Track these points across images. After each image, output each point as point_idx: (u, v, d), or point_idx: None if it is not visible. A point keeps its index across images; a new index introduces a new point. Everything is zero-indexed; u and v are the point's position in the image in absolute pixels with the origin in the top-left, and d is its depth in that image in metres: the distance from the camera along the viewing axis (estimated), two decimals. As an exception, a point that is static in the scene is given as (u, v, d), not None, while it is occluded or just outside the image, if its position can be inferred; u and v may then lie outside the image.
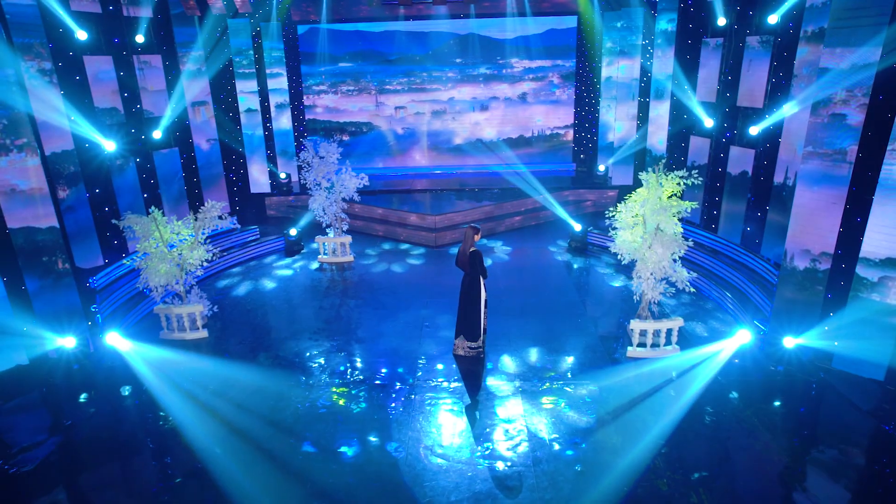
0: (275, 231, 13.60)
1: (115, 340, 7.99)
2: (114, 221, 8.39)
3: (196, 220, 8.66)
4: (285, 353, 8.45)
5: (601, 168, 15.47)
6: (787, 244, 7.74)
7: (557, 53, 16.96)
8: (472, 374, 7.81)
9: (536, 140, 17.59)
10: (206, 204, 8.66)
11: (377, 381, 7.66)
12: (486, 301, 8.01)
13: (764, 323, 8.26)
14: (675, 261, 7.94)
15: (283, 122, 16.22)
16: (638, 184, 14.62)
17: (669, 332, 8.15)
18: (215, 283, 11.25)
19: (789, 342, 7.43)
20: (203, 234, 8.82)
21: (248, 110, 15.10)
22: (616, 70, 14.95)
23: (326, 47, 17.11)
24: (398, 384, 7.59)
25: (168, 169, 11.73)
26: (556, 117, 17.34)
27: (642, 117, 14.41)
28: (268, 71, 15.60)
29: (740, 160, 10.28)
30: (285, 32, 16.08)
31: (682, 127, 12.01)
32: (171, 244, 8.66)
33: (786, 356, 7.47)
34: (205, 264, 9.05)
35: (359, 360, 8.26)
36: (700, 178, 7.86)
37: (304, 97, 17.34)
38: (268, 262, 12.35)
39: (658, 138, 13.18)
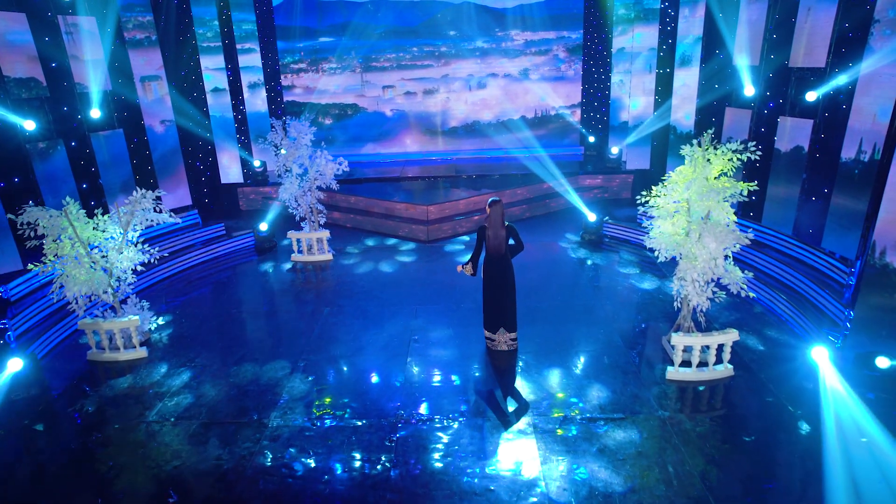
0: (246, 226, 11.87)
1: (14, 367, 6.26)
2: (10, 217, 6.60)
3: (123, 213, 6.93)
4: (238, 380, 6.74)
5: (614, 150, 13.74)
6: (877, 235, 6.03)
7: (563, 23, 15.17)
8: (472, 404, 6.12)
9: (540, 121, 15.83)
10: (134, 193, 6.90)
11: (349, 418, 5.96)
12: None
13: (838, 335, 6.56)
14: (725, 257, 6.26)
15: (258, 103, 14.46)
16: (658, 168, 13.08)
17: (721, 348, 6.46)
18: (168, 288, 9.53)
19: (882, 362, 5.74)
20: (134, 230, 7.09)
21: (216, 90, 13.31)
22: (630, 39, 13.20)
23: (305, 20, 15.32)
24: (377, 420, 5.89)
25: (111, 154, 9.97)
26: (561, 95, 15.57)
27: (661, 91, 12.66)
28: (238, 46, 13.81)
29: (792, 133, 8.56)
30: (257, 3, 14.24)
31: (714, 98, 10.28)
32: (95, 244, 6.95)
33: (878, 379, 5.78)
34: (140, 269, 7.33)
35: (330, 386, 6.56)
36: (758, 152, 6.15)
37: (282, 76, 15.53)
38: (233, 263, 10.62)
39: (684, 112, 11.44)
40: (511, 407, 6.06)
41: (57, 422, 6.14)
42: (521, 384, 6.45)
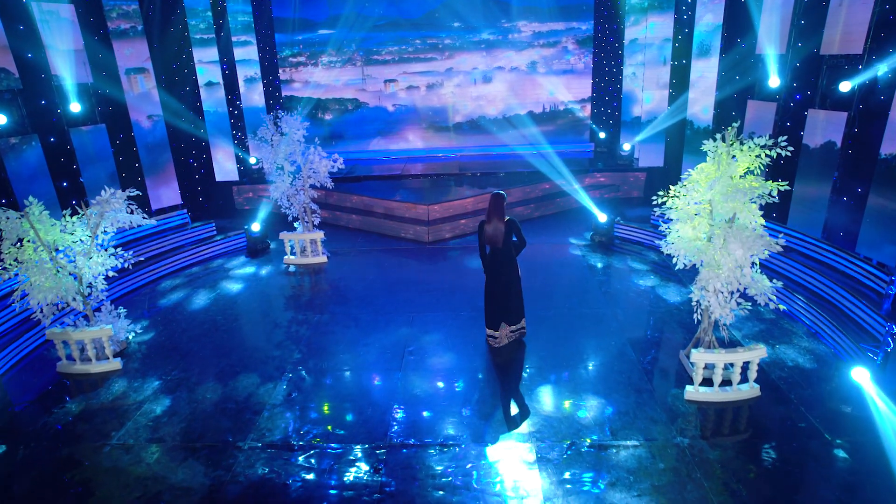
0: (239, 226, 11.32)
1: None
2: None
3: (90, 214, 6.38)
4: (217, 396, 6.19)
5: (626, 147, 13.07)
6: (926, 241, 5.36)
7: (572, 14, 14.47)
8: (469, 427, 5.51)
9: (548, 116, 15.16)
10: (102, 192, 6.34)
11: (335, 442, 5.37)
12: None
13: (877, 351, 5.89)
14: (752, 265, 5.61)
15: (255, 98, 13.90)
16: (672, 166, 12.38)
17: (746, 365, 5.81)
18: (151, 293, 9.00)
19: (931, 385, 5.08)
20: (105, 233, 6.54)
21: (209, 84, 12.77)
22: (643, 30, 12.51)
23: (304, 11, 14.73)
24: (365, 444, 5.30)
25: (95, 150, 9.44)
26: (571, 89, 14.86)
27: (677, 84, 11.96)
28: (234, 39, 13.26)
29: (823, 127, 7.87)
30: (254, -6, 13.70)
31: (734, 90, 9.59)
32: (62, 248, 6.41)
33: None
34: (112, 275, 6.79)
35: (316, 405, 5.98)
36: (790, 148, 5.49)
37: (280, 70, 14.97)
38: (223, 265, 10.08)
39: (702, 106, 10.74)
40: (513, 431, 5.45)
41: (19, 440, 5.60)
42: (524, 404, 5.83)
